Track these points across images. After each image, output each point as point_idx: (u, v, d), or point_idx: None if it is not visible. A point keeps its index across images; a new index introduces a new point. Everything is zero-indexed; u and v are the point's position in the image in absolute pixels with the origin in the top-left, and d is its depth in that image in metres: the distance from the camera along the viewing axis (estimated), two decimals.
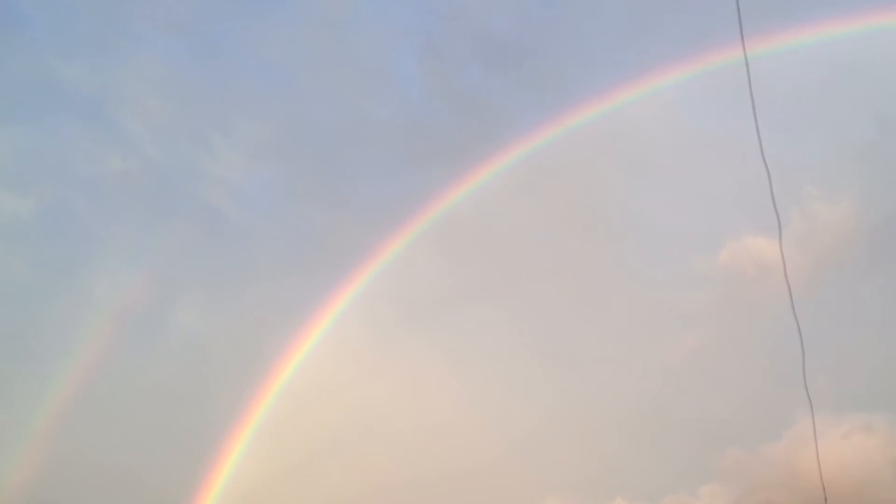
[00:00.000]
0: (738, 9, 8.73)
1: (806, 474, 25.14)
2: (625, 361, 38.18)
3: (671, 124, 41.82)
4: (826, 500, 10.42)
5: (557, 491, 33.12)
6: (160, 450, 34.04)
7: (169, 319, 40.67)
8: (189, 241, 41.61)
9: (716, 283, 39.17)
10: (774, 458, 29.94)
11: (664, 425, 35.16)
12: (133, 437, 34.38)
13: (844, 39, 30.11)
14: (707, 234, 41.72)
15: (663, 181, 43.83)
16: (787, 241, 10.52)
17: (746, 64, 8.89)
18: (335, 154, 46.51)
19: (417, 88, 48.34)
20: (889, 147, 34.79)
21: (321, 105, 47.05)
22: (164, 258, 38.72)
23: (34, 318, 38.17)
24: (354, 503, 33.52)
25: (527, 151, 33.55)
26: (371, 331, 39.21)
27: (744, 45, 8.62)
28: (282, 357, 31.13)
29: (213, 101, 45.93)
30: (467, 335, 40.82)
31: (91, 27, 44.78)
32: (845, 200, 36.83)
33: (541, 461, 35.47)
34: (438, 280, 41.82)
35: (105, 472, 32.75)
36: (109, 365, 33.80)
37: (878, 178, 34.95)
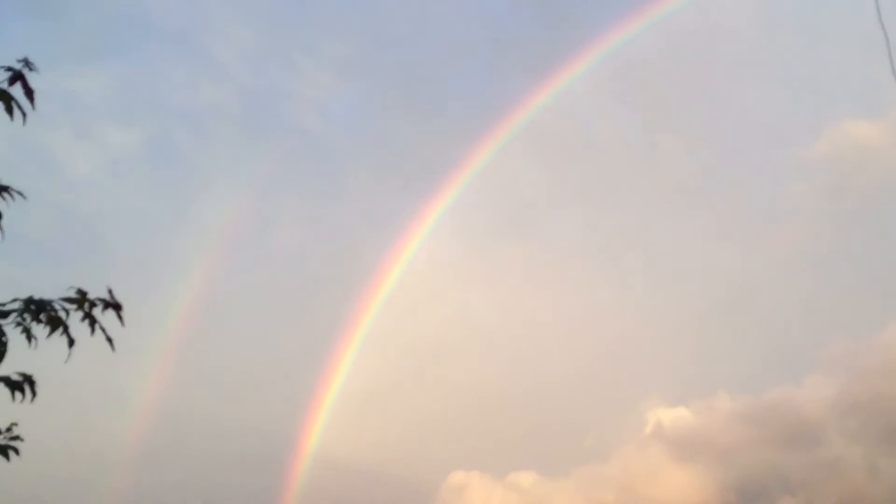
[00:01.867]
0: None
1: None
2: (724, 255, 37.75)
3: (761, 10, 39.70)
4: None
5: (658, 388, 33.61)
6: (276, 363, 36.22)
7: (272, 238, 42.61)
8: (284, 161, 43.01)
9: (816, 172, 37.84)
10: (882, 347, 29.41)
11: (766, 318, 34.88)
12: (250, 351, 36.66)
13: None
14: (805, 123, 40.09)
15: (755, 71, 42.00)
16: (891, 126, 10.18)
17: None
18: (420, 68, 46.55)
19: None
20: None
21: (404, 19, 46.90)
22: (262, 180, 40.24)
23: (149, 245, 40.68)
24: (459, 412, 34.91)
25: (614, 48, 32.64)
26: (465, 240, 39.98)
27: None
28: (381, 270, 32.22)
29: (297, 24, 46.50)
30: (560, 237, 41.13)
31: None
32: None
33: (640, 360, 35.96)
34: (529, 185, 41.95)
35: (228, 384, 35.22)
36: (222, 285, 35.83)
37: None
